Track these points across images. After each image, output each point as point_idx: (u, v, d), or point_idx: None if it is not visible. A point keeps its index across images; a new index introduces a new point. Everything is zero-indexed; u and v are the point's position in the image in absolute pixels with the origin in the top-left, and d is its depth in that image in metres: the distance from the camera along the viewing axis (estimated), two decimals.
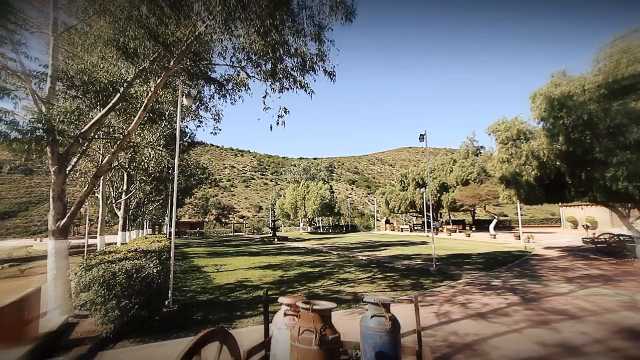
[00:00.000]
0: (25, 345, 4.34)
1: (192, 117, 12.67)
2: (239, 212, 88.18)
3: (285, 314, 2.41)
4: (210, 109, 11.86)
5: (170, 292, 6.47)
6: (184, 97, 7.06)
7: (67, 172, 6.70)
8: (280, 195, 60.02)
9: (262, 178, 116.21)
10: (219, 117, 12.43)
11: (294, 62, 6.85)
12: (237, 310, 6.37)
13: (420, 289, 8.03)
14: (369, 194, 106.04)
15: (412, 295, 7.33)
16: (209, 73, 9.48)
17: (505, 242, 21.52)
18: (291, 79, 6.98)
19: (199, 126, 13.13)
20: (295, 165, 67.34)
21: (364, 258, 14.59)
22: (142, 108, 6.60)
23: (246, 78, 7.61)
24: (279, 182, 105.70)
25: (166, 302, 6.32)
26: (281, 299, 2.48)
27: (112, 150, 7.02)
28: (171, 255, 6.83)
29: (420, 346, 2.55)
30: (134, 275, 5.10)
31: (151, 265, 5.52)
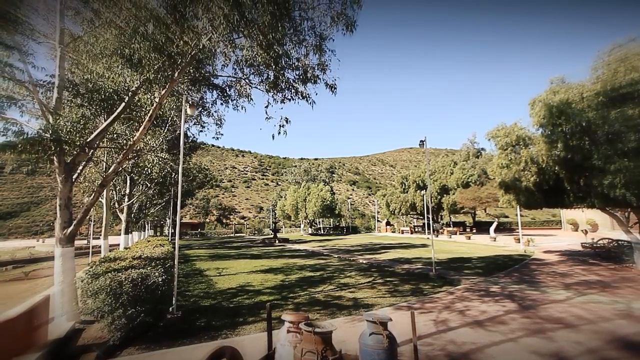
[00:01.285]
0: (35, 352, 4.48)
1: (194, 122, 12.79)
2: (239, 212, 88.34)
3: (288, 331, 2.54)
4: (213, 114, 12.00)
5: (174, 298, 6.60)
6: (188, 106, 7.20)
7: (74, 180, 6.85)
8: (281, 197, 60.14)
9: (262, 179, 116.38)
10: (221, 122, 12.57)
11: (296, 74, 6.99)
12: (239, 317, 6.50)
13: (420, 294, 8.14)
14: (369, 194, 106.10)
15: (412, 301, 7.45)
16: (212, 79, 9.63)
17: (505, 245, 21.61)
18: (293, 90, 7.12)
19: (201, 131, 13.26)
20: (296, 166, 67.49)
21: (364, 262, 14.71)
22: (147, 118, 6.74)
23: (249, 88, 7.73)
24: (279, 183, 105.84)
25: (170, 309, 6.45)
26: (284, 316, 2.61)
27: (118, 159, 7.15)
28: (175, 262, 6.97)
29: None
30: (140, 284, 5.24)
31: (156, 274, 5.65)
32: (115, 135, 10.18)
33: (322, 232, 49.77)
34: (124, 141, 10.10)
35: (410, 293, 8.29)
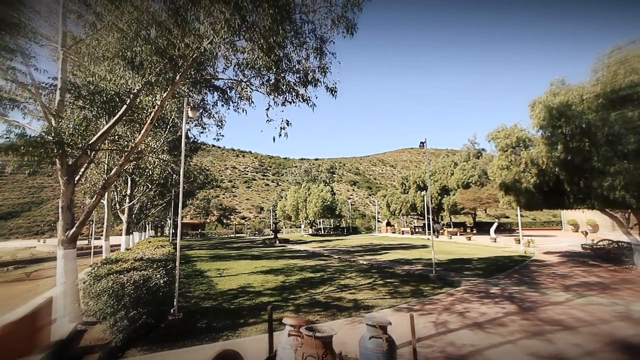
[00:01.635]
0: (38, 354, 4.52)
1: (195, 123, 12.84)
2: (240, 212, 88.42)
3: (289, 335, 2.58)
4: (214, 115, 12.04)
5: (175, 300, 6.64)
6: (189, 109, 7.24)
7: (76, 182, 6.89)
8: (282, 197, 60.21)
9: (263, 179, 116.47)
10: (222, 124, 12.61)
11: (297, 77, 7.04)
12: (240, 318, 6.53)
13: (420, 296, 8.17)
14: (370, 194, 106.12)
15: (412, 303, 7.49)
16: (213, 81, 9.67)
17: (505, 245, 21.62)
18: (294, 93, 7.17)
19: (202, 132, 13.31)
20: (296, 167, 67.57)
21: (364, 262, 14.74)
22: (149, 121, 6.78)
23: (250, 91, 7.78)
24: (280, 183, 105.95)
25: (172, 310, 6.49)
26: (285, 320, 2.65)
27: (120, 162, 7.19)
28: (176, 264, 7.01)
29: None
30: (142, 286, 5.28)
31: (158, 275, 5.69)
32: (116, 137, 10.24)
33: (323, 232, 49.80)
34: (126, 143, 10.16)
35: (410, 294, 8.32)
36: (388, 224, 47.01)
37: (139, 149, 9.42)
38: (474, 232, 38.04)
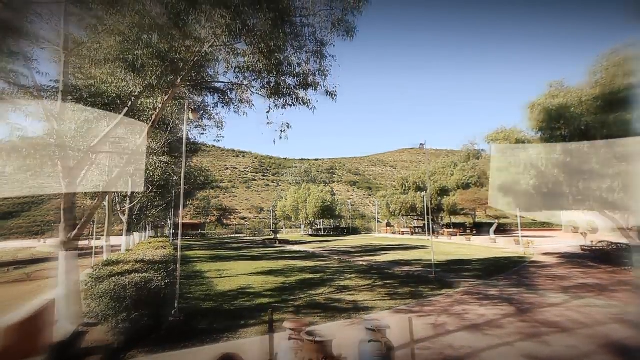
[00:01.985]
0: (41, 355, 4.57)
1: (195, 125, 12.90)
2: (240, 213, 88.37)
3: (289, 338, 2.63)
4: (214, 116, 12.10)
5: (176, 301, 6.68)
6: (190, 112, 7.29)
7: (77, 184, 6.93)
8: (282, 197, 60.26)
9: (263, 179, 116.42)
10: (222, 125, 12.68)
11: (296, 81, 7.10)
12: (240, 320, 6.58)
13: (419, 297, 8.22)
14: (369, 195, 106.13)
15: (411, 304, 7.54)
16: (213, 83, 9.71)
17: (504, 246, 21.69)
18: (294, 96, 7.23)
19: (202, 134, 13.38)
20: (296, 167, 67.63)
21: (364, 263, 14.79)
22: (150, 124, 6.83)
23: (250, 94, 7.85)
24: (280, 184, 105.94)
25: (172, 312, 6.53)
26: (286, 324, 2.70)
27: (121, 164, 7.24)
28: (177, 267, 7.06)
29: None
30: (143, 288, 5.32)
31: (159, 277, 5.74)
32: (117, 139, 10.28)
33: (322, 233, 49.84)
34: (126, 144, 10.20)
35: (409, 296, 8.37)
36: (388, 224, 47.06)
37: (140, 151, 9.45)
38: (474, 232, 38.07)
